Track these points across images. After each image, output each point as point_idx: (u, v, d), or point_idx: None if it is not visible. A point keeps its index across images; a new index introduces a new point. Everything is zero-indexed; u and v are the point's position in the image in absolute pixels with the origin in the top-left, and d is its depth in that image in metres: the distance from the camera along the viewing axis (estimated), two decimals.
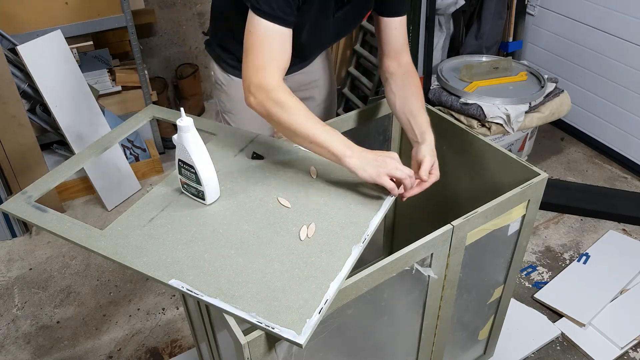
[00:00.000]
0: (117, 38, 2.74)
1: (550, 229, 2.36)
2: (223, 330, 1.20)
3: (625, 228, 2.34)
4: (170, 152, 2.90)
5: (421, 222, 1.79)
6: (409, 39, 2.57)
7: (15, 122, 2.25)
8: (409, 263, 1.14)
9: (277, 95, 1.15)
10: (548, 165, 2.76)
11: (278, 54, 1.17)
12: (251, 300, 0.98)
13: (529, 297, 2.03)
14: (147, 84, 2.64)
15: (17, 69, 2.30)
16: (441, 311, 1.34)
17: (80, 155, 1.32)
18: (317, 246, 1.09)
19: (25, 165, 2.34)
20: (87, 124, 2.45)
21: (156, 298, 2.09)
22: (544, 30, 2.93)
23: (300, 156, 1.33)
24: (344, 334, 1.19)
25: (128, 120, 1.43)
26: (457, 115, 2.43)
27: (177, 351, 1.89)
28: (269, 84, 1.15)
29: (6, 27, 2.28)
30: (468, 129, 1.47)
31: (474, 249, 1.28)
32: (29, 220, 1.15)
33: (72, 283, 2.18)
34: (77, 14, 2.40)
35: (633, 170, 2.68)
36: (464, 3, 2.72)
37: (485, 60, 2.69)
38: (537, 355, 1.84)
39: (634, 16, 2.45)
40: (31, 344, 1.94)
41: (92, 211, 2.55)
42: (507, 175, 1.37)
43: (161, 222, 1.15)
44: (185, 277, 1.03)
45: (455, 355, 1.63)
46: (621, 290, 2.02)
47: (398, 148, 1.73)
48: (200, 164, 1.13)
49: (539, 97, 2.42)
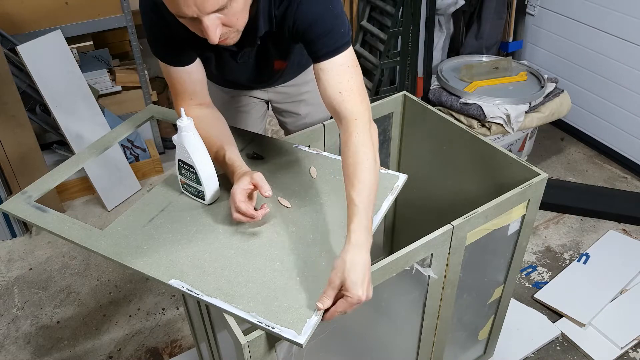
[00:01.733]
0: (117, 38, 2.74)
1: (550, 229, 2.36)
2: (223, 330, 1.20)
3: (625, 228, 2.34)
4: (170, 152, 2.90)
5: (421, 222, 1.79)
6: (409, 39, 2.57)
7: (15, 122, 2.24)
8: (409, 263, 1.14)
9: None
10: (548, 165, 2.76)
11: (181, 87, 1.22)
12: (251, 300, 0.98)
13: (529, 297, 2.03)
14: (147, 84, 2.64)
15: (17, 69, 2.29)
16: (441, 311, 1.34)
17: (80, 155, 1.32)
18: (317, 246, 1.09)
19: (25, 165, 2.34)
20: (87, 124, 2.45)
21: (156, 298, 2.09)
22: (544, 30, 2.93)
23: (300, 156, 1.33)
24: (344, 334, 1.19)
25: (128, 120, 1.43)
26: (457, 115, 2.43)
27: (177, 351, 1.89)
28: (178, 113, 1.17)
29: (6, 27, 2.28)
30: (468, 129, 1.47)
31: (474, 249, 1.28)
32: (29, 220, 1.15)
33: (72, 283, 2.18)
34: (77, 14, 2.40)
35: (633, 170, 2.68)
36: (464, 3, 2.72)
37: (485, 60, 2.69)
38: (537, 355, 1.84)
39: (634, 16, 2.45)
40: (31, 344, 1.94)
41: (92, 211, 2.55)
42: (507, 175, 1.37)
43: (161, 222, 1.15)
44: (185, 277, 1.03)
45: (455, 355, 1.63)
46: (621, 290, 2.02)
47: (398, 148, 1.73)
48: (200, 164, 1.14)
49: (539, 97, 2.43)
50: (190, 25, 0.99)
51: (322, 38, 1.08)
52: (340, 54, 1.09)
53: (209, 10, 0.92)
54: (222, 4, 0.93)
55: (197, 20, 0.95)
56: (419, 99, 1.60)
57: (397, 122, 1.65)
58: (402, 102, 1.62)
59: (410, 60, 2.67)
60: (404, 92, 1.61)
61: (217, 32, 0.97)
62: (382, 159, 1.70)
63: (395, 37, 2.63)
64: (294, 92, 1.55)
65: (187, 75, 1.21)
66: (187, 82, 1.22)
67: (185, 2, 0.91)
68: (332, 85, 1.09)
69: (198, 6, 0.91)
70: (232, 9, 0.96)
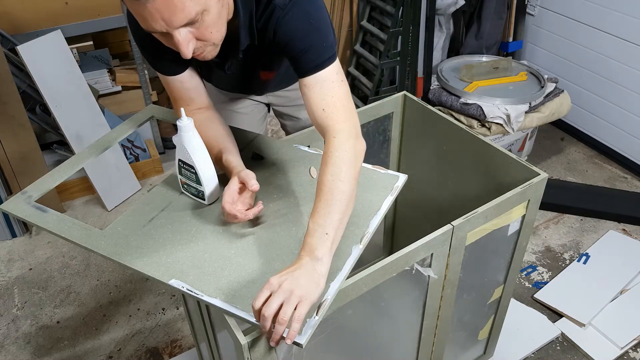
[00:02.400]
0: (117, 38, 2.75)
1: (550, 229, 2.36)
2: (223, 330, 1.20)
3: (625, 228, 2.34)
4: (170, 152, 2.90)
5: (421, 222, 1.79)
6: (409, 39, 2.57)
7: (15, 122, 2.25)
8: (409, 263, 1.14)
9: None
10: (548, 165, 2.76)
11: (177, 94, 1.23)
12: (251, 300, 0.98)
13: (529, 297, 2.03)
14: (147, 84, 2.64)
15: (17, 69, 2.30)
16: (441, 311, 1.34)
17: (80, 155, 1.32)
18: None
19: (25, 165, 2.34)
20: (87, 124, 2.45)
21: (156, 298, 2.09)
22: (544, 30, 2.93)
23: (300, 156, 1.33)
24: (344, 334, 1.19)
25: (128, 120, 1.43)
26: (457, 115, 2.43)
27: (177, 351, 1.89)
28: (178, 118, 1.17)
29: (6, 27, 2.28)
30: (468, 129, 1.47)
31: (474, 249, 1.28)
32: (29, 220, 1.15)
33: (72, 283, 2.18)
34: (77, 14, 2.41)
35: (633, 170, 2.68)
36: (464, 3, 2.72)
37: (485, 60, 2.69)
38: (537, 355, 1.84)
39: (634, 16, 2.45)
40: (31, 344, 1.94)
41: (92, 211, 2.55)
42: (507, 175, 1.37)
43: (161, 222, 1.15)
44: (185, 277, 1.03)
45: (455, 355, 1.63)
46: (621, 290, 2.02)
47: (398, 148, 1.73)
48: (200, 164, 1.14)
49: (539, 97, 2.43)
50: (164, 40, 0.97)
51: (303, 54, 1.05)
52: (323, 70, 1.05)
53: (177, 25, 0.91)
54: (191, 17, 0.91)
55: (169, 35, 0.93)
56: (419, 99, 1.60)
57: (397, 122, 1.65)
58: (402, 102, 1.62)
59: (410, 60, 2.68)
60: (404, 92, 1.61)
61: (190, 46, 0.95)
62: (382, 159, 1.72)
63: (395, 37, 2.63)
64: (294, 96, 1.53)
65: (180, 84, 1.21)
66: (182, 90, 1.22)
67: (152, 17, 0.89)
68: (315, 103, 1.06)
69: (166, 21, 0.89)
70: (203, 22, 0.94)
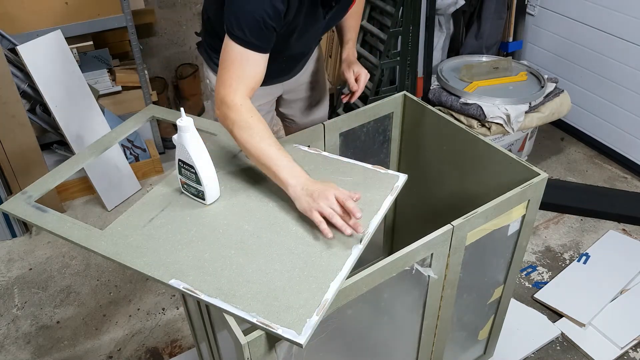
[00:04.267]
0: (117, 38, 2.74)
1: (550, 229, 2.36)
2: (223, 330, 1.20)
3: (625, 228, 2.34)
4: (170, 152, 2.90)
5: (421, 222, 1.79)
6: (409, 39, 2.58)
7: (15, 122, 2.24)
8: (409, 263, 1.14)
9: (237, 113, 1.17)
10: (548, 165, 2.76)
11: (248, 75, 1.21)
12: (251, 300, 0.98)
13: (529, 297, 2.03)
14: (147, 84, 2.64)
15: (17, 69, 2.29)
16: (441, 311, 1.34)
17: (80, 155, 1.32)
18: (317, 246, 1.09)
19: (25, 165, 2.34)
20: (87, 124, 2.45)
21: (156, 298, 2.09)
22: (544, 30, 2.93)
23: (300, 157, 1.33)
24: (344, 334, 1.19)
25: (128, 120, 1.43)
26: (457, 115, 2.43)
27: (177, 351, 1.89)
28: (232, 101, 1.17)
29: (6, 27, 2.28)
30: (468, 129, 1.47)
31: (474, 249, 1.28)
32: (29, 220, 1.15)
33: (72, 283, 2.18)
34: (77, 14, 2.40)
35: (633, 170, 2.68)
36: (464, 3, 2.72)
37: (485, 60, 2.69)
38: (537, 355, 1.84)
39: (634, 16, 2.45)
40: (31, 344, 1.94)
41: (92, 211, 2.55)
42: (507, 175, 1.37)
43: (161, 222, 1.15)
44: (185, 277, 1.03)
45: (455, 355, 1.63)
46: (621, 290, 2.02)
47: (398, 148, 1.73)
48: (200, 164, 1.14)
49: (539, 97, 2.43)
50: None
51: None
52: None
53: None
54: None
55: None
56: (419, 99, 1.60)
57: (397, 122, 1.65)
58: (402, 102, 1.62)
59: (410, 60, 2.67)
60: (404, 92, 1.61)
61: None
62: (382, 159, 1.72)
63: (395, 37, 2.63)
64: (304, 80, 1.68)
65: (264, 61, 1.22)
66: (262, 67, 1.22)
67: None
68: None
69: None
70: None
